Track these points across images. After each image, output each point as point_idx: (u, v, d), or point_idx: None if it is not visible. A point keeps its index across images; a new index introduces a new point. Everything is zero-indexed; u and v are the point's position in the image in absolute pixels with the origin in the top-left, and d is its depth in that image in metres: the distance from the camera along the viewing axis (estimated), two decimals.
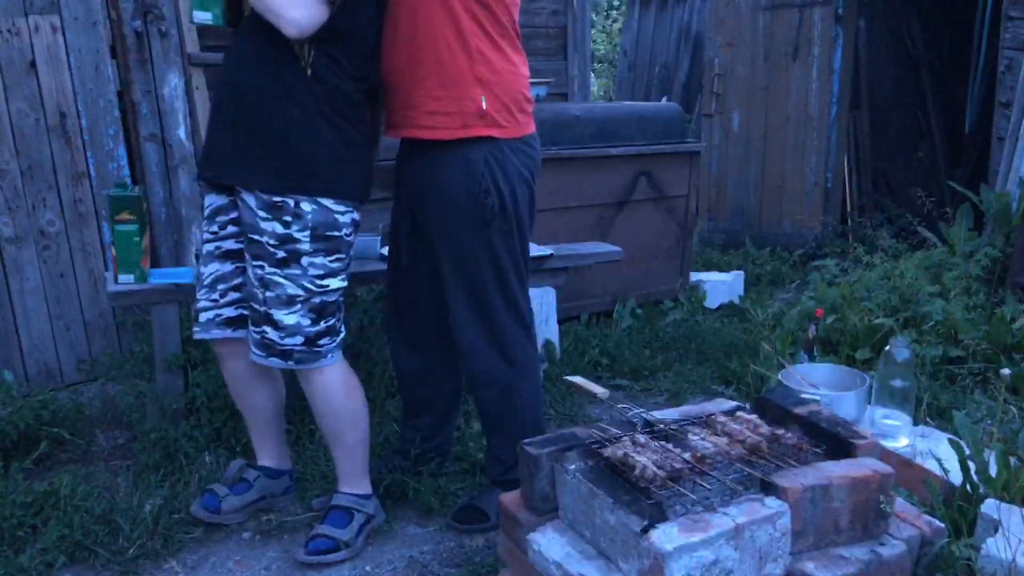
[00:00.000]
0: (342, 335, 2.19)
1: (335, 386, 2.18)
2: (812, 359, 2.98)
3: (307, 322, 2.07)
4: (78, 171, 3.27)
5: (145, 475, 2.52)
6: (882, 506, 1.72)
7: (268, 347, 2.09)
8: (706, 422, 1.91)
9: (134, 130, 3.36)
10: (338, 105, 2.00)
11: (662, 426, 1.88)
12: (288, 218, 2.01)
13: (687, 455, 1.71)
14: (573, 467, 1.75)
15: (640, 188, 4.16)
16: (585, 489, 1.69)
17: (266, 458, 2.42)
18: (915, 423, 2.55)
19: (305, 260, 2.03)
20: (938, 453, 2.26)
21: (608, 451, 1.73)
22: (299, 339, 2.07)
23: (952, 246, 4.10)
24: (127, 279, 2.65)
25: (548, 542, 1.73)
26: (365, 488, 2.31)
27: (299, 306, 2.05)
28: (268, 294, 2.05)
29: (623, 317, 4.01)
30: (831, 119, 5.62)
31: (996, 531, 1.81)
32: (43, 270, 3.24)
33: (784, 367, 2.86)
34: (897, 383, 2.47)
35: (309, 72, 1.96)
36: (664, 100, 7.00)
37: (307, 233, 2.02)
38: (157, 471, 2.54)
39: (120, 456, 2.77)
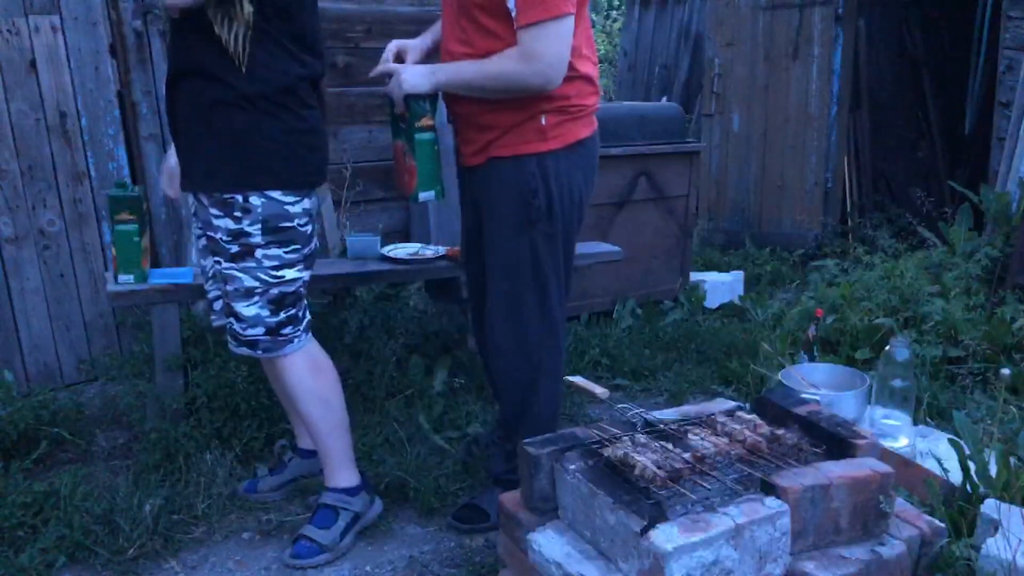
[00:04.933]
0: (307, 320, 2.21)
1: (303, 369, 2.18)
2: (812, 359, 2.98)
3: (266, 313, 2.11)
4: (78, 171, 3.27)
5: (145, 475, 2.52)
6: (882, 506, 1.72)
7: (236, 337, 2.16)
8: (706, 422, 1.91)
9: (134, 130, 3.36)
10: (278, 97, 2.00)
11: (662, 426, 1.88)
12: (238, 213, 2.03)
13: (687, 455, 1.71)
14: (573, 467, 1.75)
15: (640, 188, 4.16)
16: (585, 489, 1.69)
17: (301, 439, 2.53)
18: (915, 423, 2.55)
19: (259, 252, 2.06)
20: (938, 453, 2.26)
21: (608, 451, 1.73)
22: (261, 329, 2.12)
23: (952, 246, 4.10)
24: (127, 279, 2.65)
25: (548, 542, 1.73)
26: (351, 480, 2.29)
27: (257, 298, 2.09)
28: (228, 288, 2.11)
29: (623, 317, 4.01)
30: (831, 119, 5.62)
31: (996, 531, 1.81)
32: (43, 270, 3.24)
33: (784, 367, 2.86)
34: (897, 383, 2.47)
35: (244, 70, 1.96)
36: (664, 100, 7.00)
37: (258, 227, 2.04)
38: (157, 471, 2.54)
39: (120, 456, 2.77)
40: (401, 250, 3.15)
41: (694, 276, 4.52)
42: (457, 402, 2.97)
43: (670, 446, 1.75)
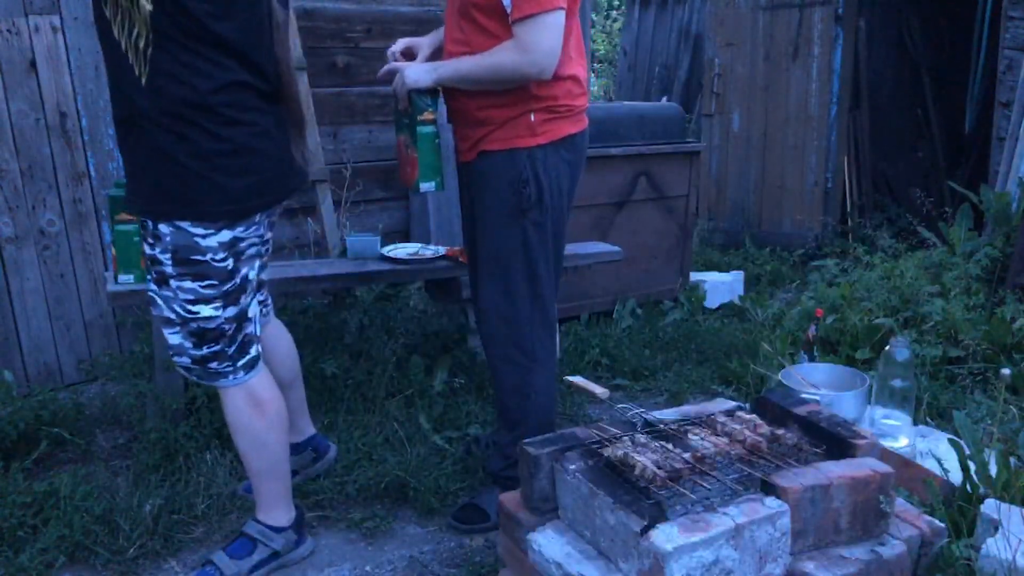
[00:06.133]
0: (248, 357, 2.03)
1: (241, 404, 2.04)
2: (812, 359, 2.98)
3: (189, 345, 1.97)
4: (78, 171, 3.27)
5: (145, 475, 2.52)
6: (882, 506, 1.72)
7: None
8: (706, 422, 1.91)
9: None
10: (186, 115, 1.79)
11: (662, 426, 1.88)
12: (150, 240, 1.90)
13: (687, 455, 1.71)
14: (573, 467, 1.75)
15: (640, 188, 4.16)
16: (585, 489, 1.69)
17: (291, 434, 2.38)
18: (915, 423, 2.55)
19: (173, 283, 1.91)
20: (938, 453, 2.26)
21: (608, 451, 1.73)
22: (186, 359, 1.99)
23: (952, 246, 4.10)
24: (127, 279, 2.65)
25: (548, 542, 1.73)
26: (280, 520, 2.15)
27: (177, 328, 1.96)
28: (153, 311, 2.00)
29: (623, 317, 4.01)
30: (831, 119, 5.62)
31: (996, 531, 1.81)
32: (43, 270, 3.24)
33: (784, 367, 2.86)
34: (897, 383, 2.48)
35: (143, 82, 1.76)
36: (664, 100, 7.00)
37: (168, 256, 1.88)
38: (157, 471, 2.54)
39: (120, 456, 2.77)
40: (401, 250, 3.15)
41: (694, 276, 4.52)
42: (457, 402, 2.97)
43: (670, 446, 1.75)
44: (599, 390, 2.13)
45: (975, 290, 3.64)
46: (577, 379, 2.18)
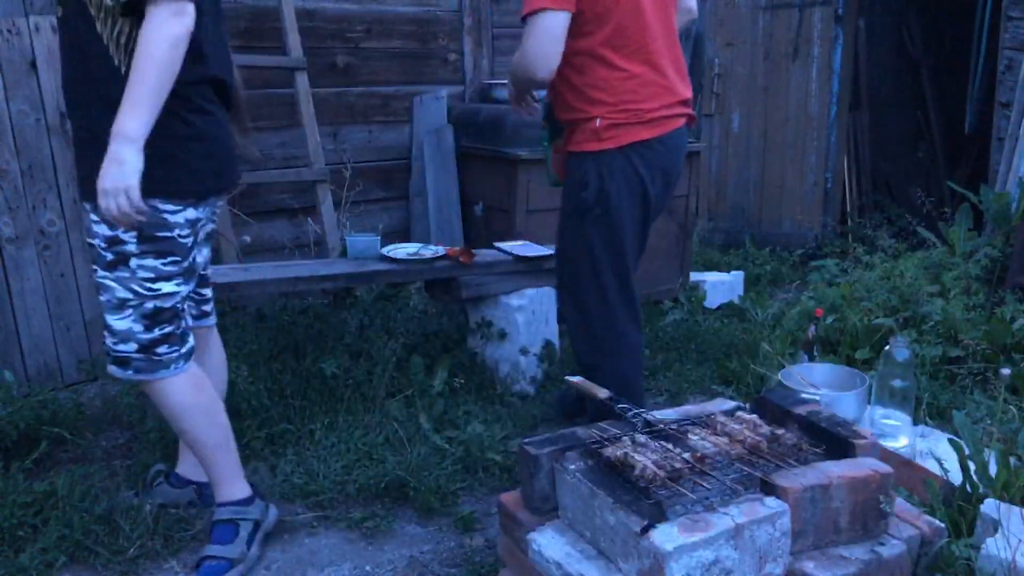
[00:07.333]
0: (189, 345, 2.08)
1: (183, 387, 2.06)
2: (812, 359, 2.98)
3: (139, 328, 1.98)
4: None
5: (145, 475, 2.52)
6: (882, 506, 1.72)
7: (108, 353, 2.04)
8: (706, 422, 1.91)
9: None
10: (165, 101, 1.85)
11: (662, 426, 1.88)
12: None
13: (687, 455, 1.71)
14: (573, 467, 1.75)
15: None
16: (585, 489, 1.69)
17: (179, 465, 2.45)
18: (915, 423, 2.55)
19: (134, 262, 1.95)
20: (938, 453, 2.26)
21: (608, 451, 1.74)
22: (132, 346, 1.99)
23: (952, 246, 4.10)
24: None
25: (548, 542, 1.73)
26: (242, 492, 2.20)
27: (130, 311, 1.97)
28: (101, 298, 2.01)
29: None
30: (831, 119, 5.62)
31: (996, 531, 1.81)
32: (43, 270, 3.24)
33: (784, 367, 2.86)
34: (897, 383, 2.48)
35: (123, 70, 1.84)
36: None
37: (133, 234, 1.92)
38: None
39: (120, 456, 2.77)
40: (401, 250, 3.15)
41: (694, 276, 4.52)
42: (457, 402, 2.97)
43: (670, 446, 1.75)
44: (599, 390, 2.13)
45: (975, 290, 3.64)
46: (577, 379, 2.18)
